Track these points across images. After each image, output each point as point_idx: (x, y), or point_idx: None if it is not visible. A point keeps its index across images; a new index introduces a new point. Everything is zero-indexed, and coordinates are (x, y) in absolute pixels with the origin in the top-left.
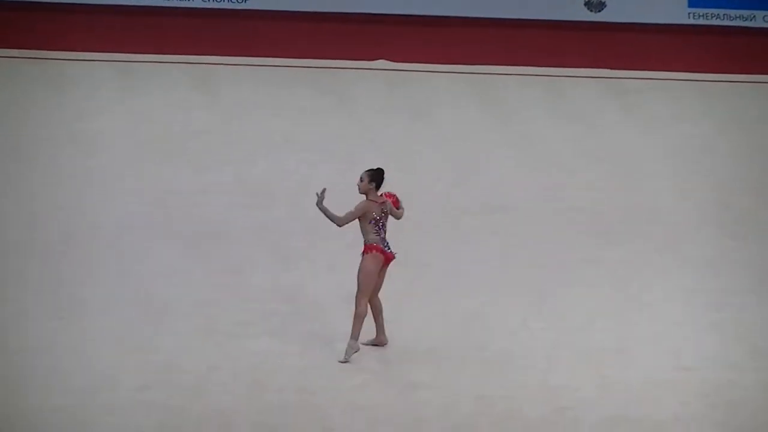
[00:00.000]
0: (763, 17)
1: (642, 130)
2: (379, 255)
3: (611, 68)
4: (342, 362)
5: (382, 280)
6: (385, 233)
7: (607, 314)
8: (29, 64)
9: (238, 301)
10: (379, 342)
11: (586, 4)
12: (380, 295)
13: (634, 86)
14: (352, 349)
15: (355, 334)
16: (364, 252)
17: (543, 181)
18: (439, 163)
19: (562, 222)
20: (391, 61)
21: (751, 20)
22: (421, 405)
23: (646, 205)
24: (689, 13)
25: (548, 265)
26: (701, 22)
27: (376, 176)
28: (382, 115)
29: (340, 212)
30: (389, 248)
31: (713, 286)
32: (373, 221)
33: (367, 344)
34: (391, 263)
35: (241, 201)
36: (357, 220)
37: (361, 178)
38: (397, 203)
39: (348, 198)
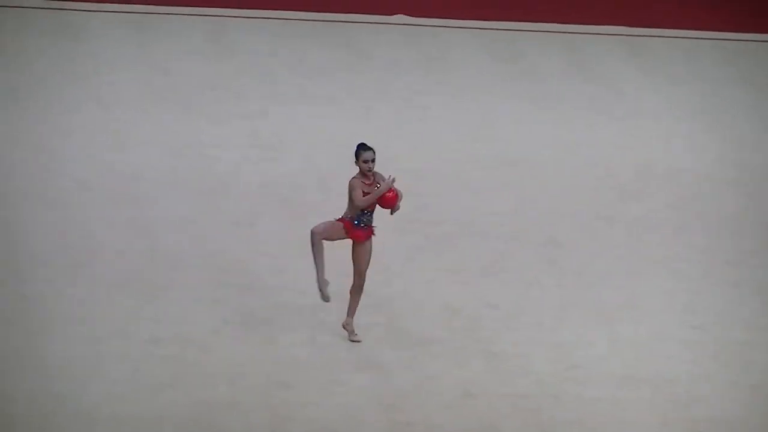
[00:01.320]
0: None
1: (659, 88)
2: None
3: (629, 26)
4: (357, 341)
5: (365, 255)
6: (372, 212)
7: (620, 271)
8: (42, 15)
9: (249, 254)
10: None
11: None
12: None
13: (652, 44)
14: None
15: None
16: (371, 236)
17: (558, 137)
18: (454, 117)
19: (577, 178)
20: (408, 15)
21: None
22: (432, 361)
23: (662, 163)
24: None
25: (562, 221)
26: None
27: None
28: (397, 69)
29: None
30: (364, 225)
31: (728, 245)
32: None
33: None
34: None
35: (253, 154)
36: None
37: (374, 158)
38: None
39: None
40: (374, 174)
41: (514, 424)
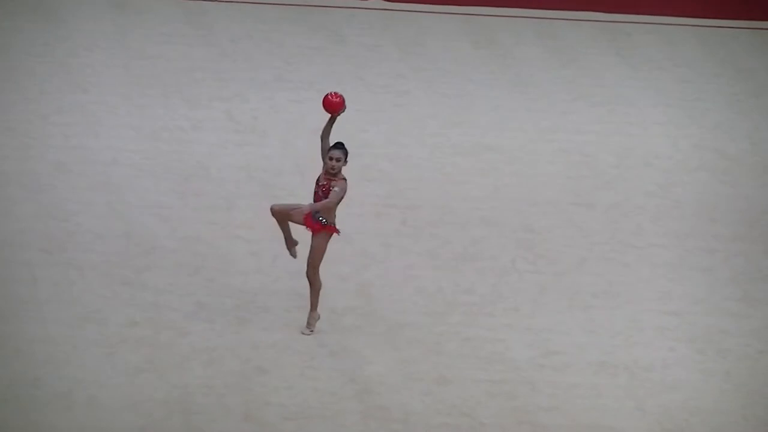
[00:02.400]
0: None
1: (636, 74)
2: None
3: (608, 11)
4: (308, 334)
5: (312, 250)
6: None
7: (596, 258)
8: None
9: (226, 239)
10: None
11: None
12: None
13: (629, 30)
14: (314, 320)
15: (315, 304)
16: (331, 231)
17: (536, 124)
18: (431, 103)
19: (553, 165)
20: (385, 0)
21: None
22: (408, 345)
23: (639, 150)
24: None
25: (539, 207)
26: None
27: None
28: (374, 54)
29: None
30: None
31: (705, 232)
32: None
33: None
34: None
35: (231, 138)
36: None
37: (341, 158)
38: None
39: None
40: (339, 179)
41: (489, 410)
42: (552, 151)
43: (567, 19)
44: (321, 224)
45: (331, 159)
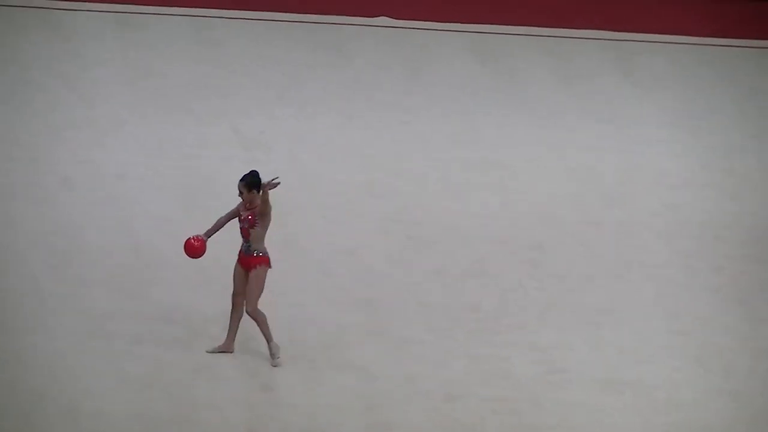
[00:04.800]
0: None
1: (642, 92)
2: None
3: (613, 30)
4: (278, 365)
5: (248, 285)
6: (245, 240)
7: (603, 275)
8: (27, 13)
9: (230, 254)
10: (226, 348)
11: None
12: None
13: (636, 48)
14: (277, 349)
15: (270, 335)
16: (266, 263)
17: (542, 141)
18: (437, 119)
19: (560, 182)
20: (391, 18)
21: None
22: (413, 361)
23: (645, 168)
24: None
25: (545, 224)
26: None
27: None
28: (380, 71)
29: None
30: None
31: (711, 250)
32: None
33: (213, 351)
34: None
35: (236, 154)
36: (257, 221)
37: (242, 191)
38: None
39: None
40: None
41: (494, 427)
42: (558, 168)
43: (574, 38)
44: (256, 257)
45: (240, 194)
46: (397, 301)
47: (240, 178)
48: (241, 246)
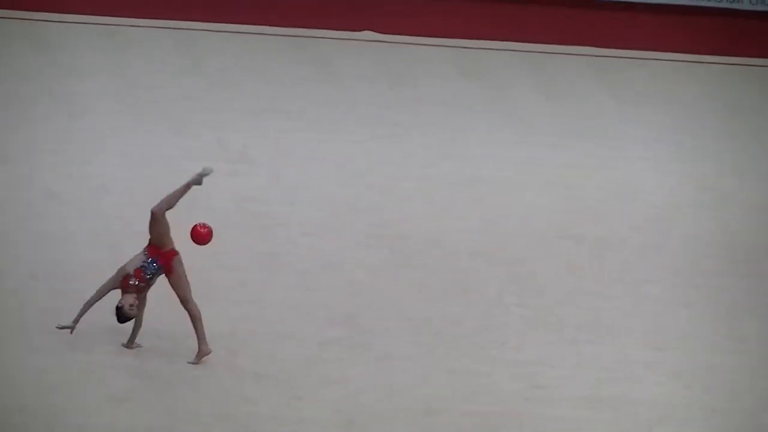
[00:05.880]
0: (750, 0)
1: (625, 108)
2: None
3: (598, 46)
4: (196, 363)
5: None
6: None
7: (583, 291)
8: (10, 24)
9: (216, 268)
10: (204, 353)
11: None
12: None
13: (620, 64)
14: (207, 350)
15: (203, 335)
16: (175, 257)
17: (524, 157)
18: (421, 133)
19: (541, 197)
20: (376, 32)
21: (738, 2)
22: (395, 376)
23: (626, 184)
24: None
25: (526, 239)
26: (688, 2)
27: None
28: (365, 85)
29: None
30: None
31: (691, 267)
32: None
33: (194, 362)
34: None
35: (222, 167)
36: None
37: None
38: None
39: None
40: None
41: None
42: (540, 184)
43: (558, 53)
44: (166, 254)
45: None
46: (378, 315)
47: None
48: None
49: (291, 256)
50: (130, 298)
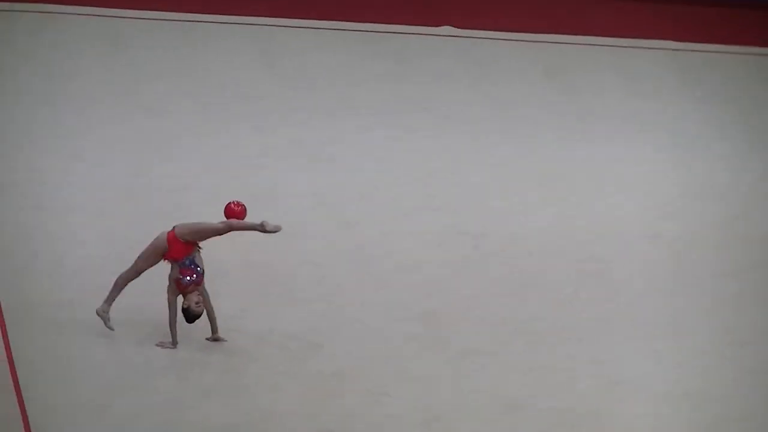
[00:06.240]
0: None
1: (699, 104)
2: None
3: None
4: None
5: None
6: None
7: (661, 288)
8: (86, 22)
9: (295, 265)
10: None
11: None
12: None
13: (700, 60)
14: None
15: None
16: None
17: (601, 153)
18: (499, 130)
19: (620, 195)
20: (455, 27)
21: None
22: (474, 373)
23: (704, 182)
24: None
25: (604, 237)
26: None
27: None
28: (443, 81)
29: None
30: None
31: None
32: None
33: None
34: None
35: (298, 164)
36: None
37: None
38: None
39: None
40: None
41: None
42: (618, 181)
43: (640, 48)
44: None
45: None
46: (457, 312)
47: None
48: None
49: (368, 254)
50: (194, 297)
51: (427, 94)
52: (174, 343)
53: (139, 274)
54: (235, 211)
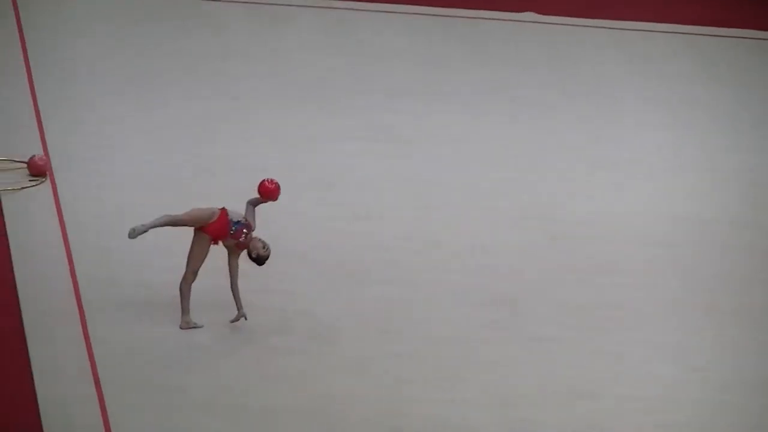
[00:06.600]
0: None
1: None
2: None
3: (759, 29)
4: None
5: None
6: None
7: (736, 275)
8: (171, 3)
9: (370, 248)
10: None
11: None
12: None
13: None
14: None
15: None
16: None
17: (679, 140)
18: (578, 116)
19: (697, 181)
20: (537, 13)
21: None
22: (548, 358)
23: None
24: None
25: (681, 223)
26: None
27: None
28: (523, 66)
29: None
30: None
31: None
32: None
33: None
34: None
35: (373, 147)
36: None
37: None
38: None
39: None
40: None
41: (629, 426)
42: (696, 167)
43: (721, 36)
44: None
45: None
46: (532, 298)
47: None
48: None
49: (444, 238)
50: (257, 243)
51: (505, 78)
52: (240, 308)
53: (196, 273)
54: (269, 189)
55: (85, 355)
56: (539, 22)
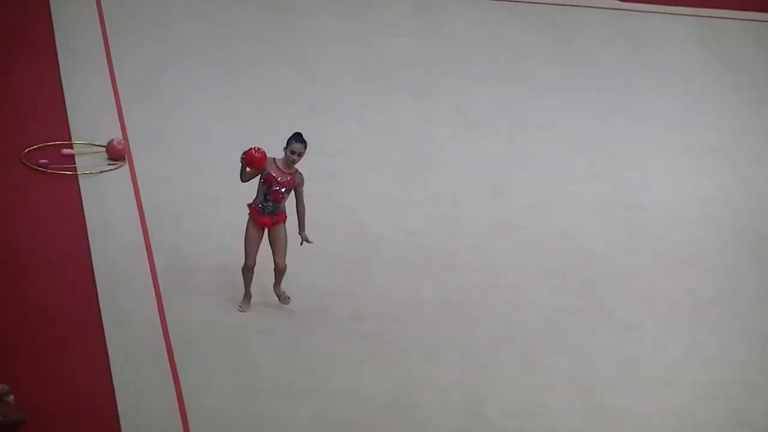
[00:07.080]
0: None
1: None
2: (253, 217)
3: None
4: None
5: (278, 242)
6: (275, 202)
7: None
8: None
9: (451, 233)
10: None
11: None
12: None
13: None
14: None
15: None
16: (279, 223)
17: (759, 126)
18: (656, 103)
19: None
20: (621, 0)
21: None
22: (629, 345)
23: None
24: None
25: (761, 209)
26: None
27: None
28: (602, 52)
29: None
30: (269, 212)
31: None
32: (265, 185)
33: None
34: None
35: (458, 133)
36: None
37: (302, 153)
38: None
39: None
40: (296, 171)
41: (709, 412)
42: None
43: None
44: (281, 214)
45: (293, 153)
46: (613, 284)
47: (297, 137)
48: (259, 206)
49: (525, 223)
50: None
51: (588, 63)
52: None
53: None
54: (255, 158)
55: (161, 338)
56: (620, 9)
